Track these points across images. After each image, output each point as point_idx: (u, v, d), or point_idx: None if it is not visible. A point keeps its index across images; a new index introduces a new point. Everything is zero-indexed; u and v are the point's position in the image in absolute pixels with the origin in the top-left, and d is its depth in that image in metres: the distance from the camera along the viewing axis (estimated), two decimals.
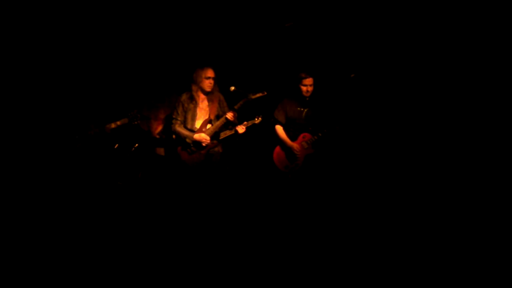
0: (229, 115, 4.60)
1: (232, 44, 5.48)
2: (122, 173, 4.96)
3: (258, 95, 4.62)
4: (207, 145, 4.65)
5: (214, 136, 4.73)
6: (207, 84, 4.64)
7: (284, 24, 5.02)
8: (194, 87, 4.69)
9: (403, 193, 4.40)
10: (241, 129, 4.67)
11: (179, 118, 4.72)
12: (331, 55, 5.12)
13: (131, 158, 5.02)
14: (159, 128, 5.85)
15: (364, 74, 4.73)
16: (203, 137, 4.62)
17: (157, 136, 5.85)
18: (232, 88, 4.60)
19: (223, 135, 4.80)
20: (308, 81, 4.72)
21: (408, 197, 4.36)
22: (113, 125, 4.79)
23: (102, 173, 4.89)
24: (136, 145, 5.05)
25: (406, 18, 4.26)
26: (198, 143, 4.64)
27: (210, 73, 4.64)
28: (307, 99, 4.81)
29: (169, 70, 5.63)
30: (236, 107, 4.65)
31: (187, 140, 4.66)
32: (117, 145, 4.98)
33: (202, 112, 4.72)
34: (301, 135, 4.82)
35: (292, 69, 4.97)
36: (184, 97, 4.73)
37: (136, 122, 4.88)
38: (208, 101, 4.73)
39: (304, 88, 4.73)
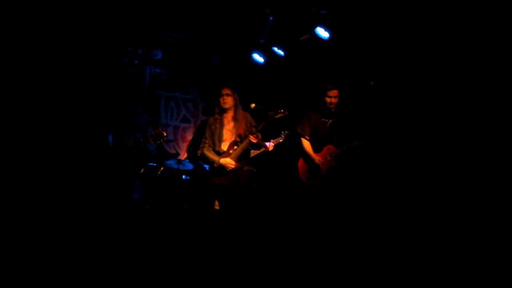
0: (252, 138, 4.48)
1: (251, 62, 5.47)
2: (149, 197, 5.03)
3: (279, 115, 4.52)
4: (232, 170, 4.56)
5: (242, 156, 4.62)
6: (221, 101, 4.63)
7: (299, 38, 4.93)
8: (216, 108, 4.72)
9: (424, 202, 4.20)
10: (270, 147, 4.62)
11: (206, 141, 4.70)
12: (352, 65, 5.00)
13: (158, 181, 5.09)
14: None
15: (384, 82, 4.57)
16: (228, 162, 4.54)
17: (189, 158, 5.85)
18: (253, 105, 4.56)
19: (253, 153, 4.74)
20: (333, 93, 4.63)
21: (429, 207, 4.15)
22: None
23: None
24: (162, 168, 5.11)
25: (424, 26, 4.11)
26: (223, 167, 4.58)
27: (224, 90, 4.66)
28: (332, 110, 4.71)
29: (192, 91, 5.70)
30: (259, 128, 4.54)
31: (215, 164, 4.61)
32: (143, 169, 5.07)
33: (229, 134, 4.67)
34: (326, 147, 4.72)
35: (315, 80, 4.87)
36: (211, 120, 4.76)
37: (159, 141, 4.93)
38: (234, 122, 4.67)
39: (328, 100, 4.65)
